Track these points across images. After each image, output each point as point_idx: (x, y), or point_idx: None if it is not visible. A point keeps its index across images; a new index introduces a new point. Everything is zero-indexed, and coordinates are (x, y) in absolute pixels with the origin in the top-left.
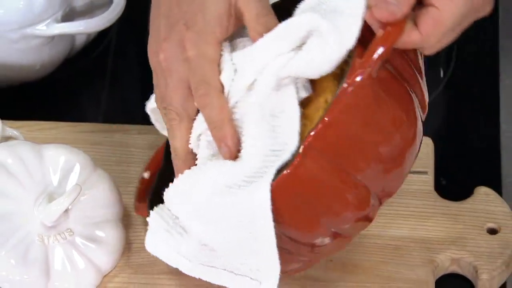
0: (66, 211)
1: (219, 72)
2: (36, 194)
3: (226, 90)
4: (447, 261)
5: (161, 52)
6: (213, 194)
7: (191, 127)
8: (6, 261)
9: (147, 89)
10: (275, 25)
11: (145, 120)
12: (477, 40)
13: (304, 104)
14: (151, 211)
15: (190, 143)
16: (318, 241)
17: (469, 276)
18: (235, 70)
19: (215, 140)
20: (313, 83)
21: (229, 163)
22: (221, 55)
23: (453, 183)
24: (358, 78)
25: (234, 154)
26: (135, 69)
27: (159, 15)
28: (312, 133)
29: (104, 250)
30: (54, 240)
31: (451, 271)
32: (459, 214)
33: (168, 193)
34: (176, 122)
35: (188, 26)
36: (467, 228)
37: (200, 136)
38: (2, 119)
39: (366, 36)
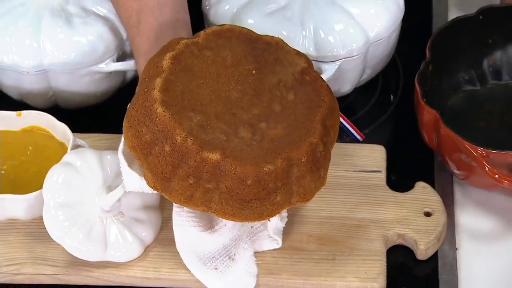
0: (119, 199)
1: None
2: (97, 187)
3: None
4: (395, 236)
5: None
6: None
7: None
8: (75, 236)
9: None
10: None
11: None
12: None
13: None
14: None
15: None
16: None
17: (411, 247)
18: None
19: None
20: None
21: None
22: None
23: (400, 179)
24: None
25: None
26: None
27: None
28: None
29: (146, 228)
30: (110, 221)
31: (398, 243)
32: (404, 202)
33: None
34: None
35: None
36: (410, 212)
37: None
38: (73, 132)
39: None
